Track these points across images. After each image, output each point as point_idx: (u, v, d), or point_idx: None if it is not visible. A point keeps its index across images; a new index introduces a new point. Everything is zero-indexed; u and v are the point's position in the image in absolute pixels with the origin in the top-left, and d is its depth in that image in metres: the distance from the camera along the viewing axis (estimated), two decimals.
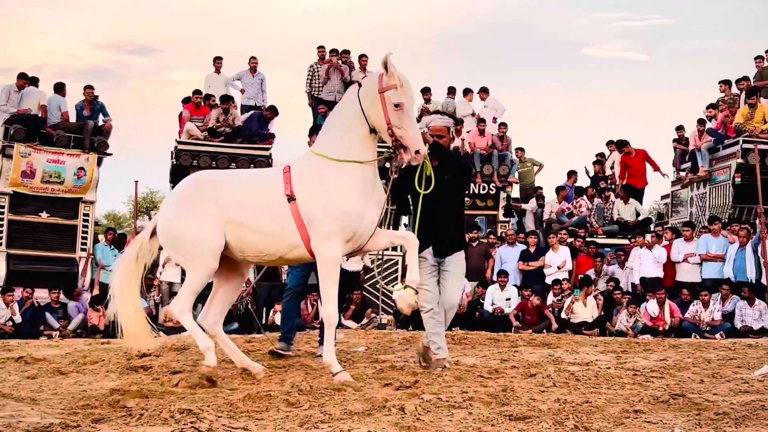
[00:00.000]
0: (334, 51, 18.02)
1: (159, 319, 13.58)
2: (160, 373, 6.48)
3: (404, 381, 5.71)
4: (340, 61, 17.96)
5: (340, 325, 13.80)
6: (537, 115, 77.73)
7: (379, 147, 6.65)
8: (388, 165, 6.71)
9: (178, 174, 16.19)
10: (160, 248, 7.06)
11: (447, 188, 6.87)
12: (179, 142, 16.47)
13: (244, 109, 17.57)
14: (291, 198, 6.44)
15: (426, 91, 18.55)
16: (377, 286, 16.12)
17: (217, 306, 6.97)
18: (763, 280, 13.03)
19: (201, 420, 4.22)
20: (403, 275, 16.10)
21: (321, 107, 17.31)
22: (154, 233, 6.90)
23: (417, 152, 6.31)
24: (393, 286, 6.65)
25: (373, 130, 6.44)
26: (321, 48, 18.11)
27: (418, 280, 6.52)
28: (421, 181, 6.69)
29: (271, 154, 16.82)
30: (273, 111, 17.18)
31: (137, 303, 6.90)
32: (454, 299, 7.07)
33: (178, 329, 12.95)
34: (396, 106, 6.28)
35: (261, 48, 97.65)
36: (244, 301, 14.61)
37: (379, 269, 16.15)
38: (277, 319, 13.76)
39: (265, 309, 14.70)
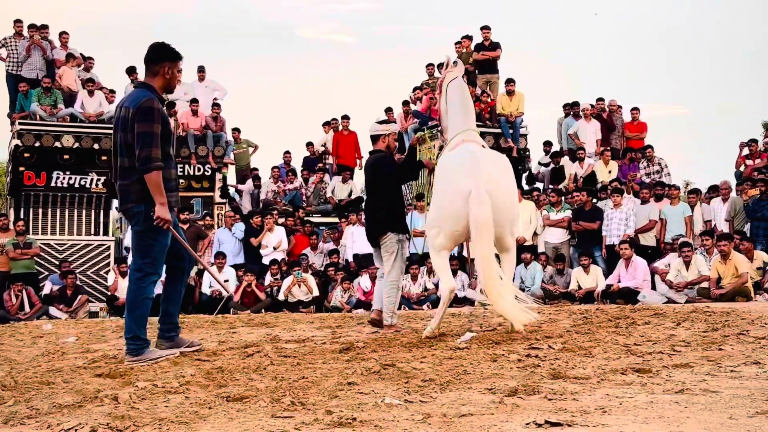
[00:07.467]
0: (32, 26, 16.89)
1: None
2: None
3: (118, 370, 5.52)
4: (40, 38, 16.91)
5: (49, 315, 13.08)
6: (252, 96, 77.96)
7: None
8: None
9: None
10: None
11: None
12: None
13: None
14: None
15: (132, 71, 17.83)
16: (88, 272, 15.47)
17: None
18: (465, 253, 13.99)
19: None
20: (122, 261, 15.54)
21: (22, 85, 16.30)
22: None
23: None
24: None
25: None
26: (18, 22, 16.92)
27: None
28: None
29: None
30: None
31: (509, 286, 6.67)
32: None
33: None
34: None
35: None
36: None
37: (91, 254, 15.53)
38: None
39: None
